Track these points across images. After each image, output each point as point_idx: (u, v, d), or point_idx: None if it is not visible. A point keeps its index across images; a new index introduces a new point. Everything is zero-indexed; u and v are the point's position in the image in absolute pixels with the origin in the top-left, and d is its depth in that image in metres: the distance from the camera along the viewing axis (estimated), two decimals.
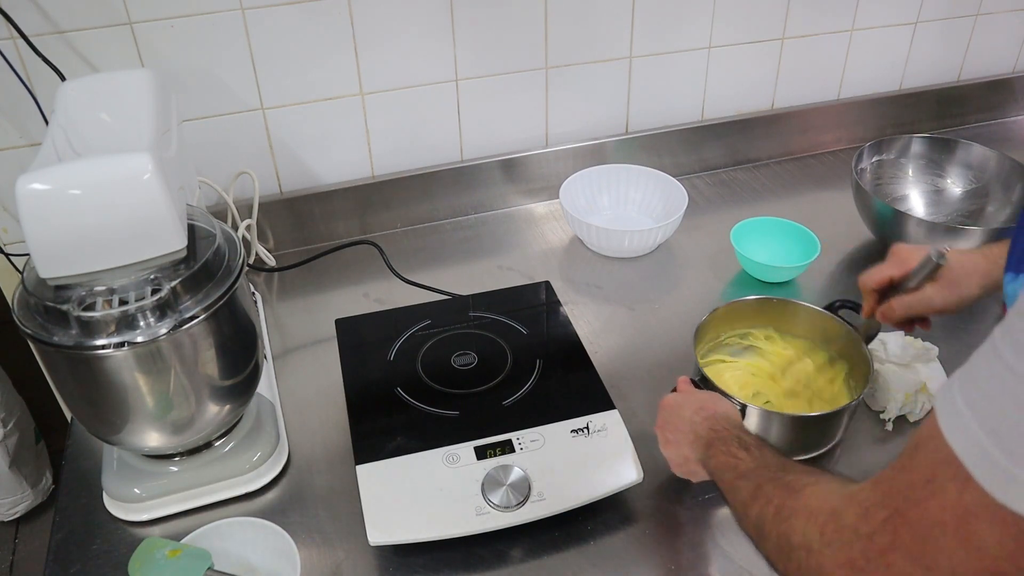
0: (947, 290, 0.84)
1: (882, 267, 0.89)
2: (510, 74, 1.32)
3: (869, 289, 0.90)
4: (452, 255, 1.31)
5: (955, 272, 0.84)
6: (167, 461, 0.91)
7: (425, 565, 0.84)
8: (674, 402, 0.84)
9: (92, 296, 0.76)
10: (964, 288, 0.84)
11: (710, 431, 0.76)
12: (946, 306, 0.85)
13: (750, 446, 0.70)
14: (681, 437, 0.80)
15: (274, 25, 1.16)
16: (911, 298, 0.86)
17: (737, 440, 0.72)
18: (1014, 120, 1.70)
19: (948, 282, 0.84)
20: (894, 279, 0.88)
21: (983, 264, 0.84)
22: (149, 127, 0.82)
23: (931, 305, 0.85)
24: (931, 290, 0.85)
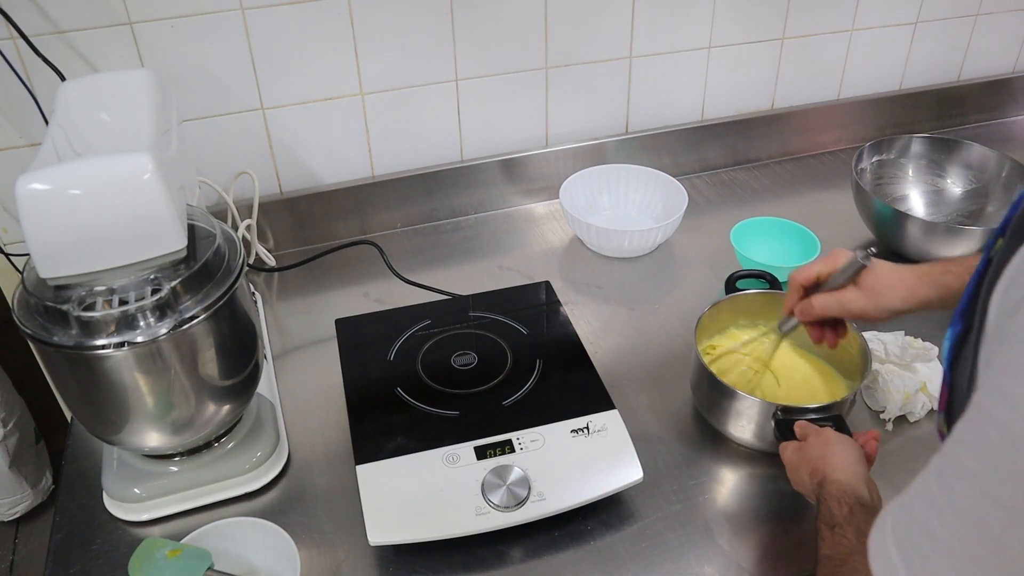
0: (866, 295, 0.84)
1: (812, 263, 0.89)
2: (510, 74, 1.32)
3: (797, 284, 0.90)
4: (452, 255, 1.31)
5: (879, 281, 0.84)
6: (167, 461, 0.91)
7: (425, 565, 0.84)
8: (792, 463, 0.83)
9: (92, 296, 0.76)
10: (885, 298, 0.83)
11: (818, 501, 0.75)
12: (864, 311, 0.84)
13: (836, 524, 0.69)
14: (811, 498, 0.79)
15: (274, 25, 1.16)
16: (829, 297, 0.86)
17: (827, 516, 0.71)
18: (1014, 120, 1.71)
19: (870, 289, 0.84)
20: (821, 276, 0.88)
21: (910, 279, 0.84)
22: (149, 127, 0.82)
23: (847, 307, 0.85)
24: (850, 293, 0.85)
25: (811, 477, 0.78)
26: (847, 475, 0.75)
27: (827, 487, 0.74)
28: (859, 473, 0.76)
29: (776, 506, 0.91)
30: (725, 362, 1.01)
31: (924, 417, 1.00)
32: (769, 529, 0.88)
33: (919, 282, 0.83)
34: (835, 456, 0.78)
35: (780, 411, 0.88)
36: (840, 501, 0.71)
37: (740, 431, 0.94)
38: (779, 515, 0.90)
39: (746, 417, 0.92)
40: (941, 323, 1.12)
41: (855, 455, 0.78)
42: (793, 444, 0.84)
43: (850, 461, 0.77)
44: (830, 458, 0.78)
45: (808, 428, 0.85)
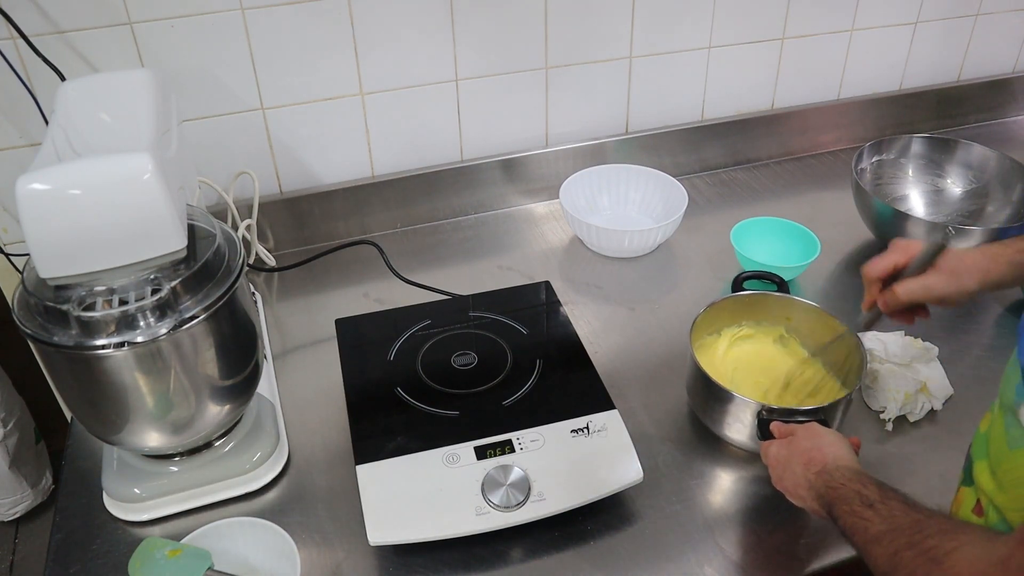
0: (948, 278, 0.85)
1: (886, 255, 0.89)
2: (510, 74, 1.32)
3: (874, 278, 0.89)
4: (452, 255, 1.31)
5: (956, 263, 0.85)
6: (167, 461, 0.91)
7: (425, 565, 0.84)
8: (779, 458, 0.81)
9: (92, 296, 0.76)
10: (964, 280, 0.84)
11: (827, 489, 0.72)
12: (947, 294, 0.85)
13: (874, 502, 0.66)
14: (804, 493, 0.77)
15: (274, 25, 1.16)
16: (914, 283, 0.86)
17: (859, 497, 0.68)
18: (1014, 120, 1.70)
19: (950, 271, 0.85)
20: (899, 266, 0.88)
21: (982, 260, 0.85)
22: (149, 127, 0.82)
23: (932, 292, 0.85)
24: (933, 276, 0.86)
25: (806, 468, 0.76)
26: (851, 461, 0.75)
27: (836, 473, 0.73)
28: (856, 459, 0.76)
29: (776, 506, 0.90)
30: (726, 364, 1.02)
31: (924, 417, 1.00)
32: (769, 529, 0.88)
33: (993, 263, 0.84)
34: (830, 446, 0.77)
35: (765, 411, 0.88)
36: (862, 482, 0.69)
37: (734, 432, 0.94)
38: (779, 515, 0.90)
39: (739, 419, 0.92)
40: (941, 323, 1.13)
41: (847, 444, 0.78)
42: (778, 441, 0.83)
43: (845, 448, 0.77)
44: (827, 447, 0.77)
45: (790, 426, 0.84)
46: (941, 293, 0.85)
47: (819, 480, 0.74)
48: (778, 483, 0.81)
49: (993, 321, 1.16)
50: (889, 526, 0.63)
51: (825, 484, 0.73)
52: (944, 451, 0.96)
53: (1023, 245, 0.85)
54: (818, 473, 0.75)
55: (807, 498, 0.76)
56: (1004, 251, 0.85)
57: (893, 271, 0.89)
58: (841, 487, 0.71)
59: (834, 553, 0.85)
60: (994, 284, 0.85)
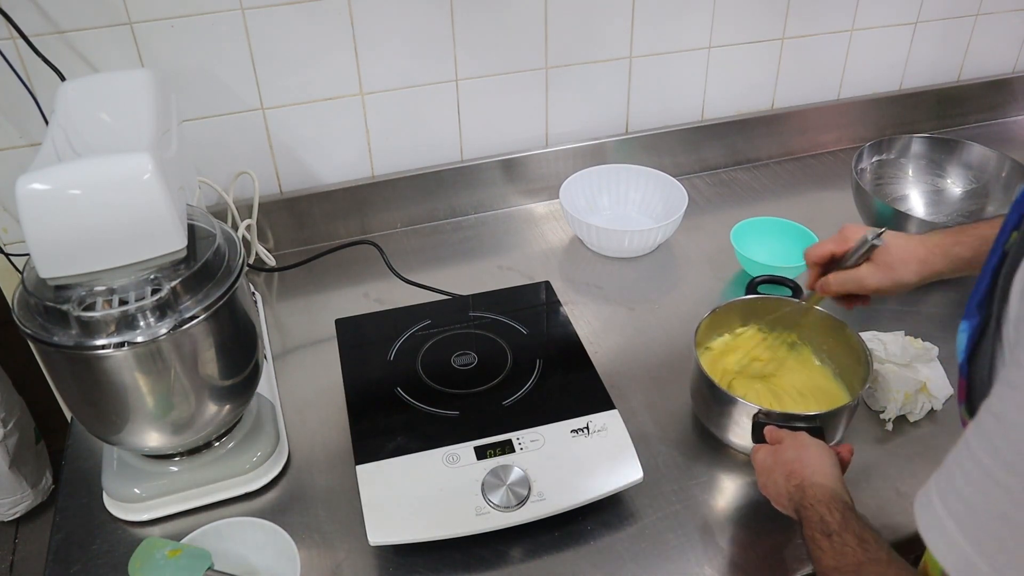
0: (882, 272, 0.86)
1: (825, 242, 0.91)
2: (510, 74, 1.32)
3: (812, 262, 0.93)
4: (452, 255, 1.31)
5: (892, 256, 0.86)
6: (167, 461, 0.91)
7: (425, 565, 0.84)
8: (764, 465, 0.82)
9: (92, 296, 0.76)
10: (899, 272, 0.86)
11: (800, 507, 0.74)
12: (880, 286, 0.87)
13: (832, 532, 0.68)
14: (784, 503, 0.79)
15: (274, 25, 1.16)
16: (845, 275, 0.89)
17: (820, 523, 0.70)
18: (1014, 120, 1.71)
19: (884, 264, 0.86)
20: (835, 255, 0.90)
21: (921, 251, 0.86)
22: (149, 127, 0.82)
23: (863, 284, 0.87)
24: (866, 269, 0.87)
25: (787, 480, 0.77)
26: (828, 479, 0.75)
27: (809, 491, 0.74)
28: (838, 477, 0.76)
29: None
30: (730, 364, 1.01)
31: (924, 417, 1.00)
32: (769, 529, 0.88)
33: (930, 254, 0.85)
34: (812, 459, 0.78)
35: (762, 414, 0.88)
36: (830, 507, 0.71)
37: (737, 437, 0.93)
38: (779, 515, 0.89)
39: (742, 425, 0.91)
40: (941, 323, 1.13)
41: (831, 459, 0.78)
42: (766, 447, 0.84)
43: (827, 464, 0.77)
44: (807, 460, 0.78)
45: (780, 432, 0.84)
46: (874, 285, 0.87)
47: (796, 494, 0.75)
48: (763, 489, 0.82)
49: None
50: (836, 563, 0.66)
51: (799, 501, 0.74)
52: (944, 451, 0.95)
53: (962, 236, 0.85)
54: (796, 487, 0.76)
55: (787, 507, 0.77)
56: (943, 241, 0.86)
57: (831, 258, 0.91)
58: (810, 508, 0.72)
59: None
60: (933, 275, 0.86)
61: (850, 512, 0.70)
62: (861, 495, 0.91)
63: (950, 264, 0.85)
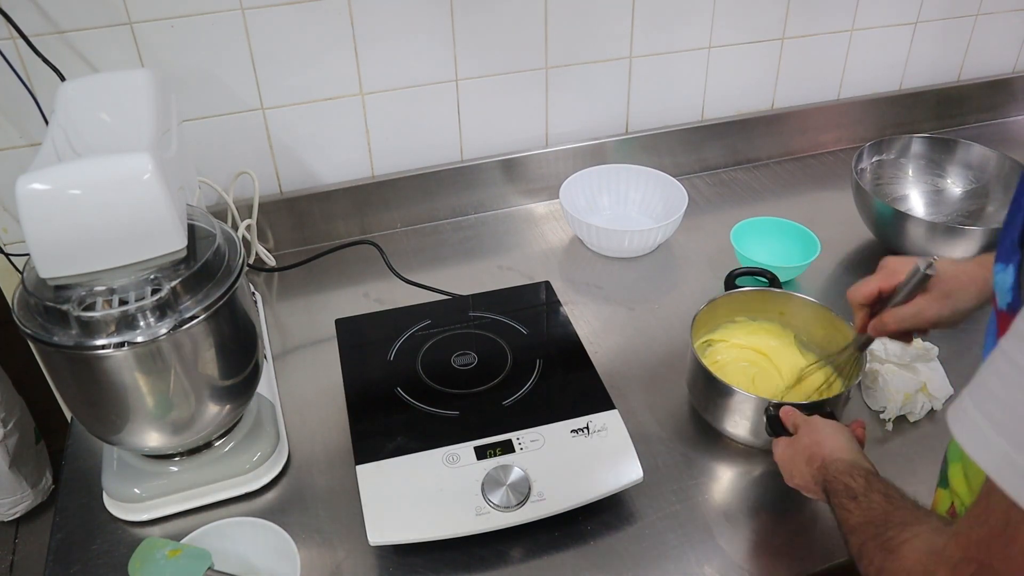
0: (940, 302, 0.80)
1: (870, 280, 0.85)
2: (510, 74, 1.32)
3: (858, 303, 0.86)
4: (452, 255, 1.31)
5: (948, 283, 0.80)
6: (167, 461, 0.91)
7: (425, 565, 0.84)
8: (786, 456, 0.82)
9: (92, 296, 0.76)
10: (959, 300, 0.80)
11: (825, 482, 0.74)
12: (940, 318, 0.81)
13: (858, 494, 0.68)
14: (813, 488, 0.78)
15: (274, 25, 1.16)
16: (903, 311, 0.82)
17: (846, 490, 0.70)
18: (1014, 120, 1.70)
19: (941, 294, 0.80)
20: (883, 292, 0.84)
21: (978, 273, 0.80)
22: (149, 127, 0.82)
23: (923, 318, 0.81)
24: (923, 302, 0.81)
25: (809, 464, 0.78)
26: (847, 452, 0.76)
27: (832, 467, 0.74)
28: (856, 450, 0.77)
29: (776, 505, 0.91)
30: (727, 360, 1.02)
31: (924, 417, 1.00)
32: (769, 529, 0.88)
33: (989, 272, 0.78)
34: (829, 439, 0.78)
35: (772, 407, 0.88)
36: (852, 475, 0.71)
37: (735, 427, 0.94)
38: (779, 514, 0.90)
39: (740, 413, 0.92)
40: None
41: (847, 435, 0.79)
42: (784, 440, 0.84)
43: (844, 439, 0.78)
44: (825, 442, 0.78)
45: (797, 416, 0.85)
46: (934, 318, 0.81)
47: (820, 475, 0.76)
48: (789, 480, 0.82)
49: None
50: (865, 518, 0.66)
51: (824, 478, 0.75)
52: (944, 451, 0.96)
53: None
54: (819, 468, 0.76)
55: (817, 492, 0.78)
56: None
57: (879, 296, 0.85)
58: (834, 480, 0.73)
59: (834, 552, 0.85)
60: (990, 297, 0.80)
61: (872, 476, 0.70)
62: None
63: None
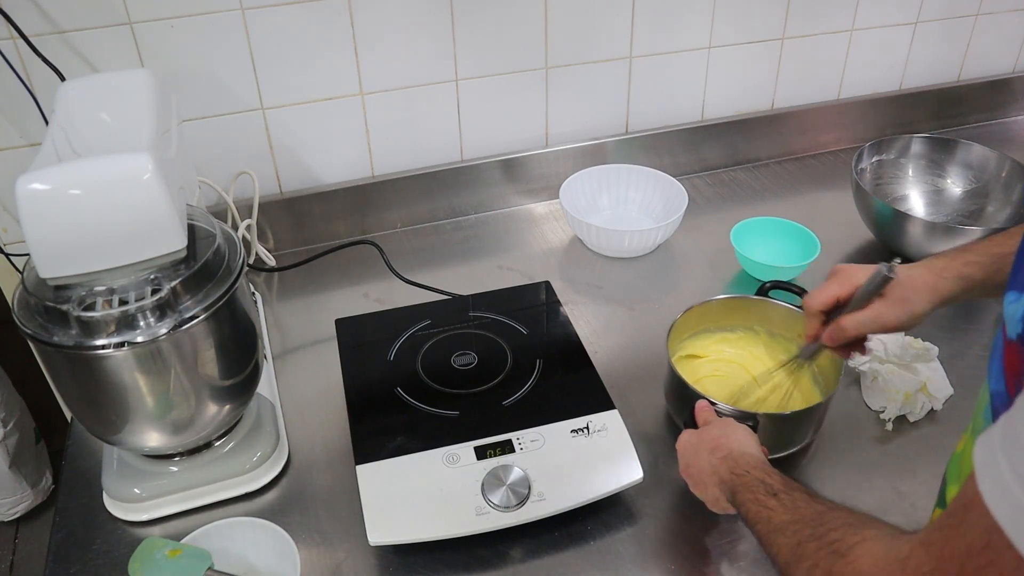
0: (898, 306, 0.79)
1: (826, 286, 0.83)
2: (510, 74, 1.32)
3: (814, 311, 0.84)
4: (452, 255, 1.31)
5: (905, 288, 0.79)
6: (167, 461, 0.91)
7: (425, 565, 0.84)
8: (689, 444, 0.82)
9: (92, 296, 0.76)
10: (914, 304, 0.79)
11: (731, 475, 0.72)
12: (898, 323, 0.79)
13: (778, 491, 0.66)
14: (707, 479, 0.77)
15: (274, 25, 1.16)
16: (862, 315, 0.80)
17: (762, 485, 0.68)
18: (1014, 120, 1.70)
19: (898, 299, 0.79)
20: (840, 299, 0.83)
21: (929, 278, 0.79)
22: (149, 127, 0.82)
23: (883, 323, 0.79)
24: (881, 306, 0.79)
25: (711, 453, 0.77)
26: (756, 451, 0.76)
27: (741, 460, 0.73)
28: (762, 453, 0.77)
29: None
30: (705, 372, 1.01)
31: (924, 417, 1.00)
32: None
33: (939, 280, 0.79)
34: (738, 435, 0.79)
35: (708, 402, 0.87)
36: (766, 471, 0.70)
37: None
38: None
39: None
40: (941, 323, 1.13)
41: (755, 437, 0.79)
42: (689, 430, 0.84)
43: (753, 441, 0.78)
44: (732, 435, 0.78)
45: (710, 414, 0.85)
46: (892, 323, 0.79)
47: (723, 465, 0.75)
48: (684, 471, 0.82)
49: (993, 321, 1.16)
50: (792, 516, 0.63)
51: (729, 470, 0.74)
52: (944, 451, 0.96)
53: (971, 257, 0.79)
54: (723, 459, 0.75)
55: (709, 485, 0.77)
56: (951, 265, 0.80)
57: (835, 304, 0.83)
58: (745, 474, 0.71)
59: None
60: (945, 301, 0.79)
61: (786, 476, 0.69)
62: (861, 495, 0.91)
63: (962, 286, 0.78)
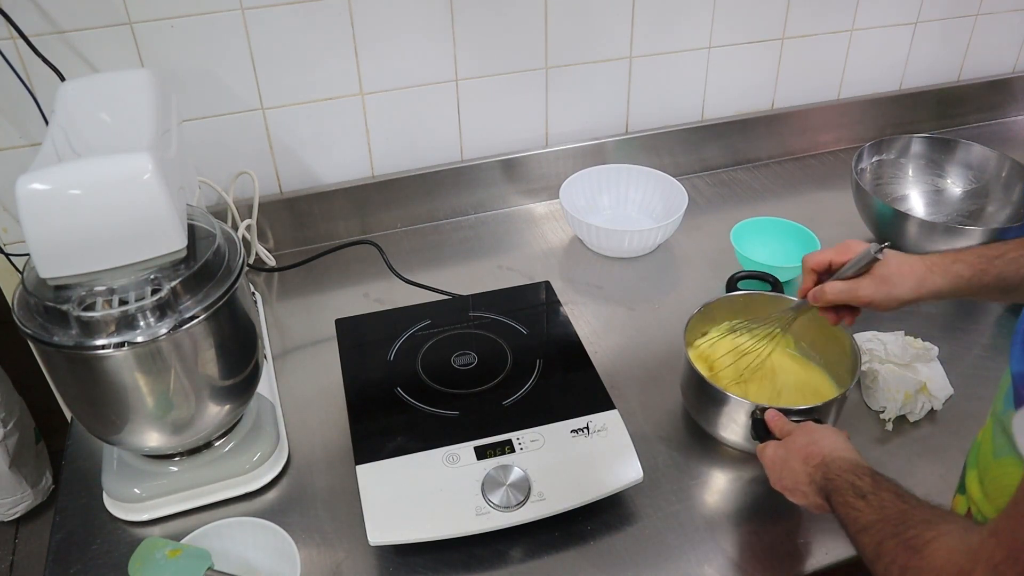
0: (876, 285, 0.85)
1: (825, 251, 0.91)
2: (510, 74, 1.32)
3: (809, 268, 0.92)
4: (452, 255, 1.31)
5: (891, 270, 0.85)
6: (167, 461, 0.91)
7: (425, 565, 0.84)
8: (778, 458, 0.81)
9: (92, 296, 0.76)
10: (896, 287, 0.85)
11: (824, 479, 0.73)
12: (873, 299, 0.86)
13: (867, 493, 0.67)
14: (806, 488, 0.77)
15: (274, 25, 1.16)
16: (842, 284, 0.87)
17: (852, 488, 0.69)
18: (1014, 120, 1.70)
19: (881, 278, 0.85)
20: (833, 264, 0.90)
21: (919, 268, 0.85)
22: (149, 127, 0.82)
23: (857, 294, 0.86)
24: (862, 281, 0.86)
25: (805, 463, 0.77)
26: (848, 451, 0.75)
27: (833, 465, 0.73)
28: (855, 451, 0.76)
29: (776, 505, 0.90)
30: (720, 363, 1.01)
31: (924, 417, 1.00)
32: (769, 528, 0.88)
33: (929, 272, 0.84)
34: (827, 439, 0.78)
35: (759, 411, 0.88)
36: (857, 474, 0.70)
37: (730, 433, 0.93)
38: (779, 514, 0.90)
39: (733, 418, 0.91)
40: (941, 323, 1.13)
41: (844, 436, 0.79)
42: (775, 442, 0.83)
43: (842, 440, 0.78)
44: (823, 441, 0.78)
45: (785, 423, 0.85)
46: (867, 298, 0.86)
47: (818, 472, 0.75)
48: (777, 483, 0.82)
49: (993, 321, 1.16)
50: (878, 516, 0.64)
51: (823, 476, 0.74)
52: (944, 451, 0.96)
53: (962, 255, 0.84)
54: (817, 466, 0.75)
55: (809, 493, 0.77)
56: (942, 259, 0.85)
57: (828, 267, 0.90)
58: (837, 478, 0.72)
59: (834, 552, 0.85)
60: (931, 294, 0.84)
61: (878, 475, 0.70)
62: None
63: (949, 282, 0.83)
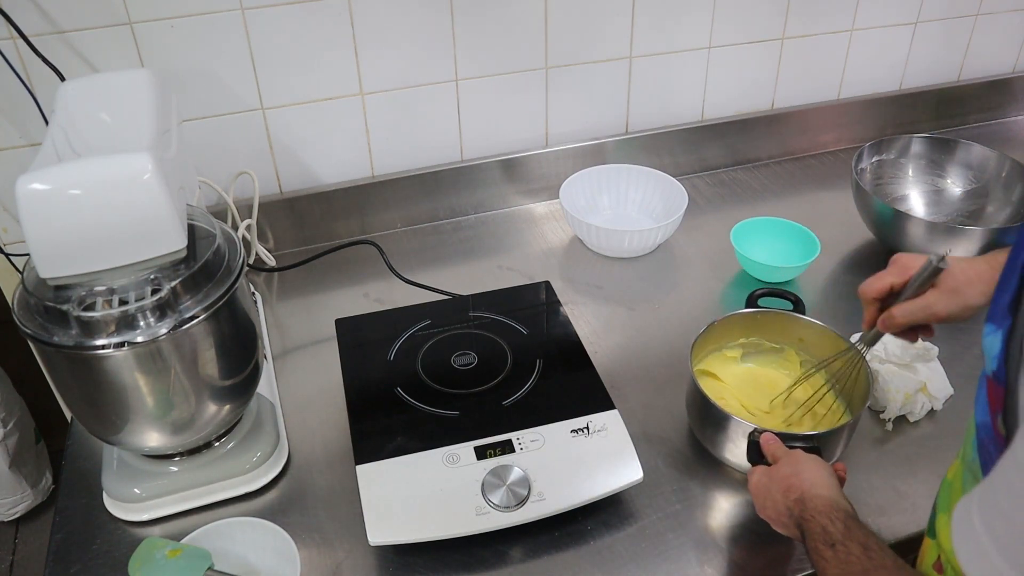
0: (949, 297, 0.81)
1: (882, 275, 0.86)
2: (510, 74, 1.32)
3: (870, 299, 0.87)
4: (452, 255, 1.31)
5: (957, 279, 0.81)
6: (167, 461, 0.91)
7: (425, 565, 0.84)
8: (761, 486, 0.80)
9: (92, 296, 0.76)
10: (967, 296, 0.80)
11: (800, 518, 0.73)
12: (949, 313, 0.81)
13: (835, 542, 0.67)
14: (786, 521, 0.76)
15: (274, 25, 1.16)
16: (912, 304, 0.83)
17: (823, 534, 0.69)
18: (1014, 120, 1.71)
19: (950, 289, 0.81)
20: (895, 287, 0.85)
21: (987, 271, 0.80)
22: (149, 127, 0.82)
23: (933, 312, 0.82)
24: (932, 296, 0.82)
25: (785, 495, 0.76)
26: (828, 489, 0.74)
27: (810, 503, 0.73)
28: (837, 488, 0.75)
29: None
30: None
31: (924, 417, 1.00)
32: (769, 528, 0.88)
33: (996, 273, 0.77)
34: (810, 472, 0.76)
35: (757, 433, 0.86)
36: (831, 517, 0.70)
37: (731, 455, 0.91)
38: None
39: (735, 441, 0.89)
40: (941, 325, 1.13)
41: (828, 470, 0.77)
42: (760, 469, 0.82)
43: (825, 475, 0.76)
44: (804, 474, 0.76)
45: (778, 447, 0.83)
46: (943, 313, 0.81)
47: (797, 508, 0.74)
48: (761, 511, 0.80)
49: None
50: (840, 571, 0.65)
51: (800, 514, 0.73)
52: (944, 451, 0.96)
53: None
54: (796, 500, 0.74)
55: (789, 525, 0.76)
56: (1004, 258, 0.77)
57: (890, 291, 0.86)
58: (812, 520, 0.71)
59: None
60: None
61: (852, 521, 0.69)
62: (861, 495, 0.91)
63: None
